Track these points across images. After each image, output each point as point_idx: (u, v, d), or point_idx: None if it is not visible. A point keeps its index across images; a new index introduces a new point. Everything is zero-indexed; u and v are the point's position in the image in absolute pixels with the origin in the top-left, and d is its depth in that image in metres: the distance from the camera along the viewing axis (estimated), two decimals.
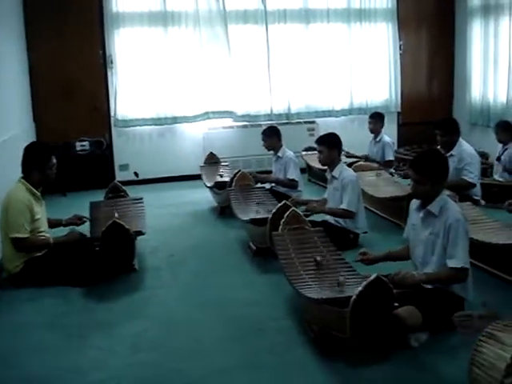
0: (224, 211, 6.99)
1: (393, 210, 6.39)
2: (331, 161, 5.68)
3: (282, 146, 7.00)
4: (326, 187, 6.04)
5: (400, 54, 10.24)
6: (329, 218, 5.74)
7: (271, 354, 3.68)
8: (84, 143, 8.90)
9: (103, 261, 4.94)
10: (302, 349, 3.71)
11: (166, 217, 7.14)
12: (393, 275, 3.68)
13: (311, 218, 5.50)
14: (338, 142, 5.70)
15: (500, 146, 7.57)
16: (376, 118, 8.16)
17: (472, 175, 6.24)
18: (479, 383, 2.63)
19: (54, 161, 5.14)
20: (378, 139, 8.12)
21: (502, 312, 3.92)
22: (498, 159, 7.53)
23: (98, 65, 9.04)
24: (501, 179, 7.32)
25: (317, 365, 3.51)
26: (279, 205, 5.06)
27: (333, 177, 5.70)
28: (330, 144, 5.64)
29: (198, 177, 8.15)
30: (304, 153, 8.88)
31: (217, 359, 3.64)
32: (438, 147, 6.33)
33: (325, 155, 5.67)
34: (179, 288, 4.89)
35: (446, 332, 3.77)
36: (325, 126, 9.48)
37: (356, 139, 8.79)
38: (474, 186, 6.27)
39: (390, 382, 3.32)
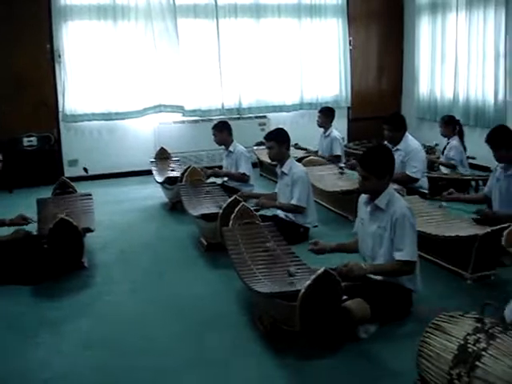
0: (175, 207, 6.95)
1: (342, 204, 6.46)
2: (281, 156, 5.70)
3: (232, 140, 6.98)
4: (277, 182, 6.05)
5: (350, 50, 10.36)
6: (279, 212, 5.77)
7: (222, 349, 3.68)
8: (31, 139, 8.73)
9: (51, 258, 4.84)
10: (253, 343, 3.72)
11: (116, 213, 7.06)
12: (341, 267, 3.71)
13: (261, 212, 5.53)
14: (287, 137, 5.72)
15: (445, 140, 7.74)
16: (324, 113, 8.20)
17: (414, 170, 6.35)
18: (427, 374, 2.68)
19: (0, 157, 5.02)
20: (327, 134, 8.17)
21: (449, 304, 4.05)
22: (443, 153, 7.69)
23: (46, 59, 8.86)
24: (448, 172, 7.47)
25: (268, 359, 3.52)
26: (229, 200, 5.06)
27: (283, 172, 5.72)
28: (279, 140, 5.66)
29: (148, 172, 8.06)
30: (255, 148, 8.89)
31: (168, 356, 3.61)
32: (386, 142, 6.43)
33: (275, 151, 5.68)
34: (129, 284, 4.84)
35: (394, 323, 3.85)
36: (276, 120, 9.55)
37: (307, 134, 8.91)
38: (415, 180, 6.38)
39: (339, 373, 3.35)
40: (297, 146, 8.51)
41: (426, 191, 6.47)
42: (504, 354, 2.39)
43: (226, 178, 7.08)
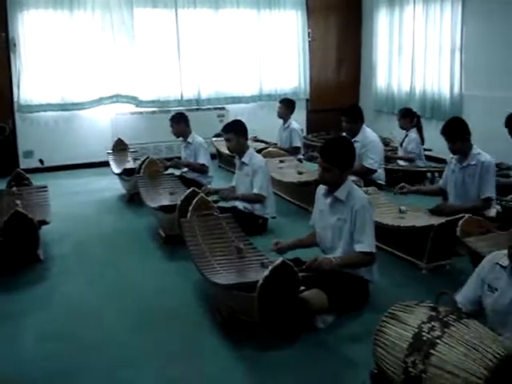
0: (133, 198, 6.88)
1: (301, 196, 6.49)
2: (240, 148, 5.70)
3: (191, 132, 6.94)
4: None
5: (309, 42, 10.38)
6: (238, 203, 5.77)
7: (180, 340, 3.68)
8: None
9: (6, 251, 4.75)
10: (212, 335, 3.71)
11: (73, 205, 6.96)
12: (311, 261, 3.75)
13: (220, 204, 5.52)
14: (245, 128, 5.73)
15: (403, 132, 7.83)
16: (284, 104, 8.21)
17: (371, 161, 6.42)
18: (383, 363, 2.71)
19: None
20: (286, 125, 8.19)
21: (405, 293, 4.12)
22: (401, 145, 7.78)
23: (1, 48, 8.63)
24: (404, 164, 7.56)
25: (226, 350, 3.53)
26: (188, 191, 5.04)
27: (243, 163, 5.72)
28: (237, 131, 5.66)
29: (105, 163, 7.96)
30: (214, 139, 8.85)
31: (126, 349, 3.59)
32: (344, 134, 6.48)
33: (234, 143, 5.67)
34: (86, 277, 4.78)
35: (351, 313, 3.89)
36: (235, 112, 9.54)
37: (266, 125, 8.90)
38: (373, 171, 6.45)
39: (297, 364, 3.37)
40: (255, 139, 8.50)
41: (383, 183, 6.55)
42: (458, 341, 2.43)
43: (184, 169, 7.03)
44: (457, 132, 5.06)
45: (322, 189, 4.20)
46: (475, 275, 2.90)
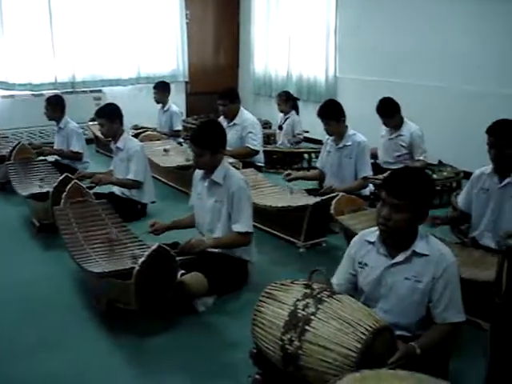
0: (4, 187, 6.54)
1: (180, 179, 6.43)
2: (114, 132, 5.56)
3: (64, 116, 6.68)
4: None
5: (187, 23, 10.26)
6: (115, 189, 5.64)
7: (58, 331, 3.58)
8: None
9: None
10: (91, 324, 3.64)
11: None
12: (183, 244, 3.76)
13: (96, 190, 5.37)
14: (118, 113, 5.58)
15: (281, 115, 7.94)
16: (159, 88, 8.11)
17: (255, 142, 6.48)
18: (262, 342, 2.74)
19: None
20: (165, 108, 8.10)
21: (283, 272, 4.20)
22: (280, 128, 7.90)
23: None
24: (282, 146, 7.69)
25: (106, 338, 3.48)
26: (60, 178, 4.86)
27: (118, 148, 5.59)
28: (110, 116, 5.51)
29: None
30: (91, 123, 8.57)
31: (6, 345, 3.44)
32: (222, 117, 6.49)
33: (107, 128, 5.53)
34: None
35: (232, 294, 3.94)
36: (112, 95, 9.27)
37: (144, 108, 8.75)
38: (257, 152, 6.52)
39: (179, 347, 3.38)
40: (137, 127, 8.34)
41: (262, 164, 6.63)
42: (331, 316, 2.50)
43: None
44: (332, 113, 5.21)
45: (199, 173, 4.20)
46: (346, 256, 3.00)
